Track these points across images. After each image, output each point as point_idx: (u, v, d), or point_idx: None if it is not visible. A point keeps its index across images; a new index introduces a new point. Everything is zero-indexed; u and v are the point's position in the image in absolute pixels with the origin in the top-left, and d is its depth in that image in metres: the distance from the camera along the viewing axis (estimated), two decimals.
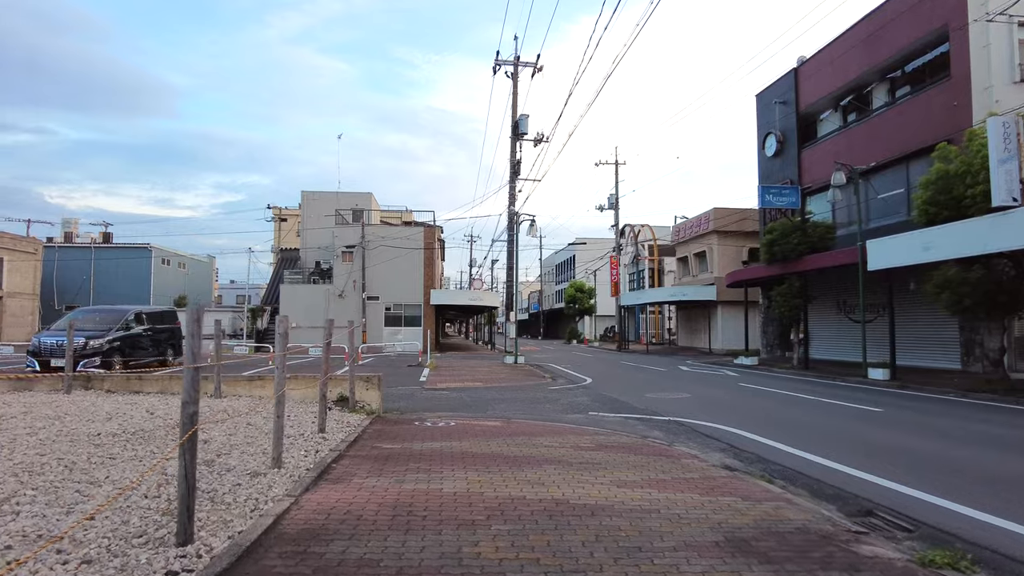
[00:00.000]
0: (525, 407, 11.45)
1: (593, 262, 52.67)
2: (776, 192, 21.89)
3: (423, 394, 13.43)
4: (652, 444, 7.78)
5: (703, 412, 10.89)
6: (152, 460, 5.63)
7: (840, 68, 23.04)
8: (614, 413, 10.69)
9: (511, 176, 24.85)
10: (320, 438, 7.23)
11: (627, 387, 15.17)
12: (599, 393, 13.75)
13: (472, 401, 12.30)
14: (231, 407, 9.11)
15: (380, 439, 7.52)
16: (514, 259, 24.48)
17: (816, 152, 24.83)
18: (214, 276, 60.17)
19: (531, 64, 25.76)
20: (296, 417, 8.59)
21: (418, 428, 8.42)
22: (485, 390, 14.39)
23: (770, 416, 10.51)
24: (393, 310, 34.22)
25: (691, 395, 13.37)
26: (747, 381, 16.93)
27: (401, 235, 33.68)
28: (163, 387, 10.18)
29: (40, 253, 41.52)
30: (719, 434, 8.84)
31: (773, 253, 21.25)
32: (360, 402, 9.81)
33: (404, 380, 16.39)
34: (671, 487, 5.54)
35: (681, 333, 40.10)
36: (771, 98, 27.83)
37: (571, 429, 8.70)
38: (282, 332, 5.57)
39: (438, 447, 7.04)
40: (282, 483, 5.11)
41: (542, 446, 7.25)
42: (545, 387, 15.25)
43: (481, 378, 17.32)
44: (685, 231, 37.15)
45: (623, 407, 11.50)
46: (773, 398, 13.06)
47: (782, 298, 21.04)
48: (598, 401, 12.37)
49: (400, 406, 11.23)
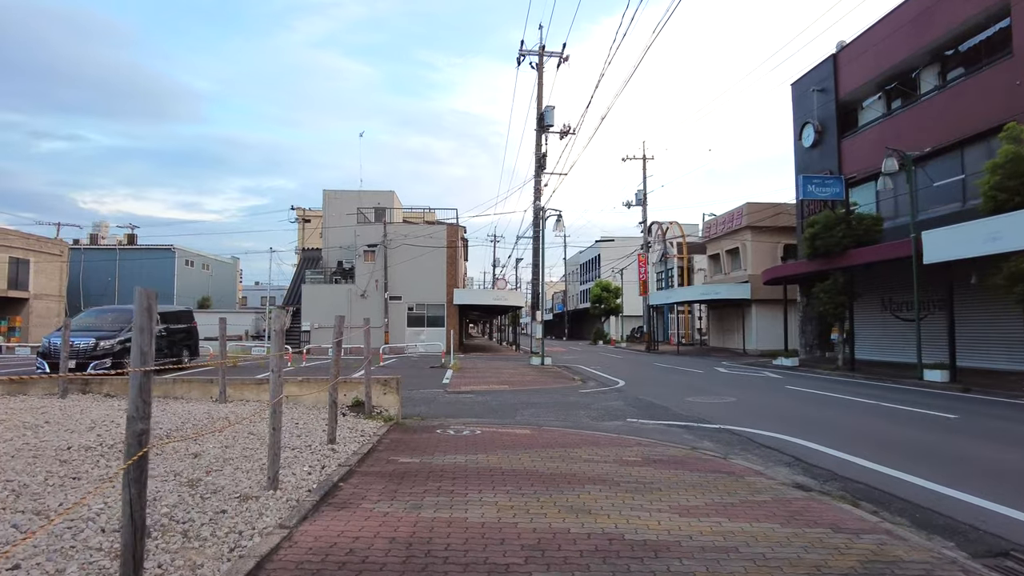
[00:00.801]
0: (556, 413, 10.53)
1: (619, 260, 51.47)
2: (819, 182, 20.64)
3: (446, 398, 12.58)
4: (706, 457, 6.81)
5: (753, 419, 9.85)
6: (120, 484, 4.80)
7: (884, 51, 21.69)
8: (655, 420, 9.71)
9: (536, 170, 23.92)
10: (329, 450, 6.39)
11: (664, 390, 14.15)
12: (635, 397, 12.75)
13: (498, 406, 11.41)
14: (235, 413, 8.34)
15: (397, 451, 6.65)
16: (540, 256, 23.50)
17: (858, 141, 23.48)
18: (238, 277, 60.19)
19: (556, 54, 24.82)
20: (305, 425, 7.77)
21: (439, 437, 7.55)
22: (511, 394, 13.48)
23: (830, 423, 9.44)
24: (416, 310, 33.46)
25: (736, 399, 12.30)
26: (792, 383, 15.78)
27: (424, 233, 32.91)
28: (166, 391, 9.44)
29: (66, 255, 41.65)
30: (778, 444, 7.83)
31: (815, 247, 20.00)
32: (377, 407, 8.97)
33: (426, 382, 15.56)
34: (743, 514, 4.58)
35: (712, 333, 38.77)
36: (808, 86, 26.50)
37: (610, 439, 7.76)
38: (278, 328, 4.73)
39: (462, 461, 6.15)
40: (276, 509, 4.26)
41: (581, 460, 6.32)
42: (575, 390, 14.30)
43: (507, 380, 16.41)
44: (717, 227, 35.85)
45: (664, 413, 10.50)
46: (827, 403, 11.95)
47: (826, 295, 19.78)
48: (635, 406, 11.38)
49: (421, 411, 10.38)
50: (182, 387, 9.52)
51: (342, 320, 6.79)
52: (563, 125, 23.60)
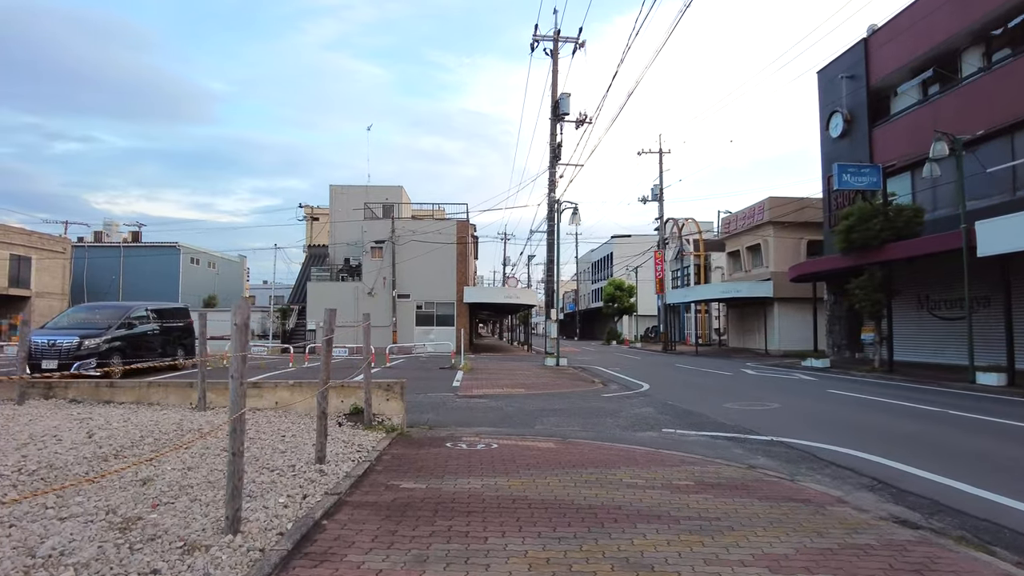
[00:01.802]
0: (580, 421, 9.37)
1: (634, 258, 50.19)
2: (854, 171, 19.31)
3: (456, 403, 11.43)
4: (769, 479, 5.64)
5: (805, 428, 8.65)
6: (23, 528, 3.63)
7: (922, 33, 20.35)
8: (695, 431, 8.52)
9: (551, 161, 22.73)
10: (316, 471, 5.26)
11: (695, 395, 12.95)
12: (664, 403, 11.55)
13: (515, 412, 10.25)
14: (211, 423, 7.22)
15: (399, 472, 5.52)
16: (555, 251, 22.27)
17: (891, 129, 22.14)
18: (245, 276, 59.31)
19: (572, 39, 23.64)
20: (293, 438, 6.65)
21: (450, 453, 6.42)
22: (528, 398, 12.32)
23: (897, 434, 8.21)
24: (424, 308, 32.35)
25: (779, 405, 11.07)
26: (832, 386, 14.53)
27: (432, 229, 31.76)
28: (139, 396, 8.34)
29: (69, 252, 40.91)
30: (847, 461, 6.64)
31: (850, 241, 18.68)
32: (378, 415, 7.85)
33: (435, 385, 14.44)
34: (854, 567, 3.42)
35: (732, 333, 37.41)
36: (836, 73, 25.17)
37: (650, 455, 6.60)
38: (240, 323, 3.61)
39: (478, 487, 5.01)
40: (229, 568, 3.13)
41: (622, 485, 5.17)
42: (597, 394, 13.12)
43: (522, 383, 15.25)
44: (737, 223, 34.51)
45: (703, 422, 9.31)
46: (881, 409, 10.70)
47: (862, 292, 18.47)
48: (668, 413, 10.19)
49: (428, 419, 9.25)
50: (158, 392, 8.41)
51: (334, 314, 5.68)
52: (579, 113, 22.42)
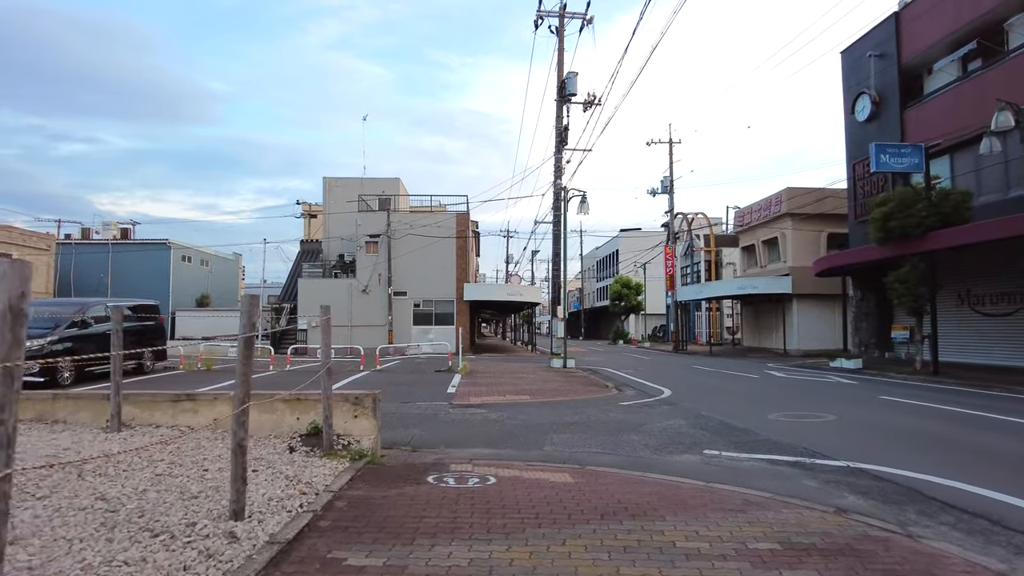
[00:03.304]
0: (599, 439, 7.61)
1: (640, 255, 48.38)
2: (894, 152, 17.47)
3: (450, 414, 9.68)
4: (878, 535, 3.90)
5: (881, 448, 6.88)
6: None
7: (963, 2, 18.56)
8: (746, 453, 6.76)
9: (557, 145, 20.92)
10: (224, 536, 3.52)
11: (727, 403, 11.19)
12: (696, 413, 9.78)
13: (519, 427, 8.50)
14: (128, 446, 5.49)
15: (350, 532, 3.78)
16: (562, 243, 20.49)
17: (926, 110, 20.33)
18: (240, 274, 57.57)
19: (579, 15, 21.86)
20: (222, 473, 4.93)
21: (430, 495, 4.68)
22: (535, 407, 10.56)
23: (1013, 458, 6.44)
24: (423, 307, 30.56)
25: (835, 417, 9.28)
26: (880, 392, 12.75)
27: (431, 222, 29.94)
28: (41, 411, 6.53)
29: (53, 249, 39.31)
30: (967, 501, 4.89)
31: (888, 229, 16.86)
32: (344, 437, 6.12)
33: (428, 391, 12.71)
34: None
35: (746, 332, 35.56)
36: (863, 52, 23.36)
37: (701, 493, 4.85)
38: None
39: (462, 565, 3.27)
40: None
41: (677, 553, 3.42)
42: (614, 402, 11.35)
43: (527, 389, 13.48)
44: (752, 215, 32.69)
45: (751, 440, 7.54)
46: (960, 421, 8.92)
47: (902, 286, 16.67)
48: (703, 427, 8.43)
49: (413, 436, 7.52)
50: (66, 407, 6.65)
51: (254, 303, 3.92)
52: (588, 94, 20.63)
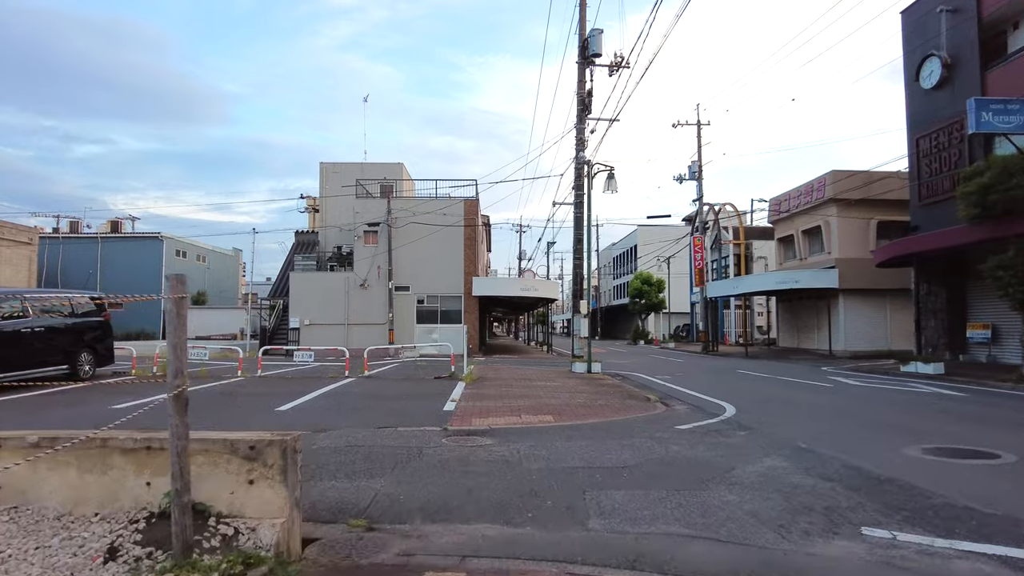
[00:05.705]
0: (674, 499, 4.65)
1: (662, 247, 45.29)
2: (999, 109, 14.31)
3: (439, 450, 6.70)
4: None
5: None
6: None
7: None
8: (934, 535, 3.76)
9: (579, 113, 17.96)
10: None
11: (825, 427, 8.20)
12: (791, 444, 6.79)
13: (543, 475, 5.54)
14: None
15: None
16: (586, 226, 17.45)
17: (1015, 70, 17.21)
18: (240, 271, 55.09)
19: None
20: None
21: None
22: (563, 436, 7.56)
23: None
24: (427, 303, 27.69)
25: (1016, 456, 6.25)
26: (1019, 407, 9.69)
27: (436, 209, 26.97)
28: None
29: (36, 243, 36.92)
30: None
31: (987, 205, 13.81)
32: (226, 522, 3.22)
33: (418, 408, 9.80)
34: None
35: (784, 331, 32.37)
36: (930, 7, 20.23)
37: None
38: None
39: None
40: None
41: None
42: (667, 425, 8.36)
43: (548, 404, 10.49)
44: (790, 202, 29.53)
45: (920, 504, 4.51)
46: None
47: (1008, 273, 13.57)
48: (824, 476, 5.42)
49: (375, 496, 4.61)
50: None
51: None
52: (615, 54, 17.66)
